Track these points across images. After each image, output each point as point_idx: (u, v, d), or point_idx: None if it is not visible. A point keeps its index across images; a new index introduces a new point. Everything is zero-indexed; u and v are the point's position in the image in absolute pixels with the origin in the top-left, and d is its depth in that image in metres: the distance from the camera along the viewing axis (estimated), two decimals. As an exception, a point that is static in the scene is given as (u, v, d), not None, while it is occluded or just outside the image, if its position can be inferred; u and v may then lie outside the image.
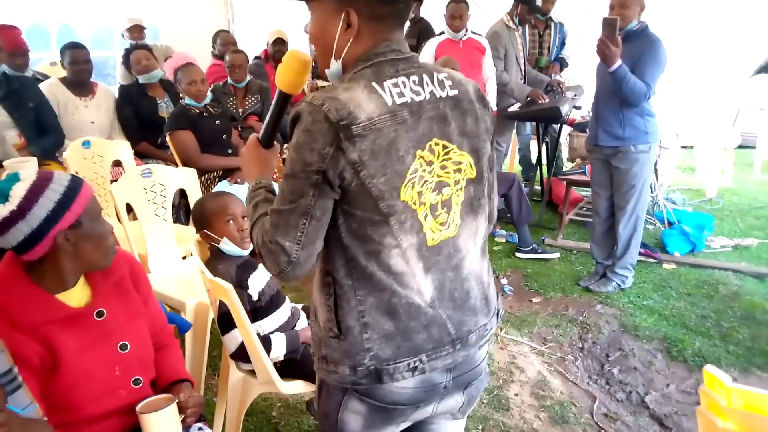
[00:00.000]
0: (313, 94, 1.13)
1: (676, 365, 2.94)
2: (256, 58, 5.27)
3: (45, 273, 1.43)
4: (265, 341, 2.01)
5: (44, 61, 5.21)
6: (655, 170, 4.47)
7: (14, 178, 1.40)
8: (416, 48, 4.79)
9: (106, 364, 1.48)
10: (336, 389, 1.28)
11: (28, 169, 2.04)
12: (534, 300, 3.59)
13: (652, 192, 4.43)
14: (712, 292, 3.63)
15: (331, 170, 1.09)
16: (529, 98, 4.61)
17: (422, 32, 5.10)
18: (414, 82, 1.17)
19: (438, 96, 1.19)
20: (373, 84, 1.13)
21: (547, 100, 4.59)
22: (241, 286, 2.03)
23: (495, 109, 4.57)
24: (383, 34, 1.19)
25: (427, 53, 4.40)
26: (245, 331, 1.90)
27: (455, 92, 1.22)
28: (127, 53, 4.28)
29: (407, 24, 1.37)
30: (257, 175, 1.35)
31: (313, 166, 1.09)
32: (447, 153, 1.19)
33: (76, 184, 1.42)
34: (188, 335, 2.38)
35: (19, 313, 1.37)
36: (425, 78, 1.18)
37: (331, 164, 1.09)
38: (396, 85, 1.15)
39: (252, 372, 2.07)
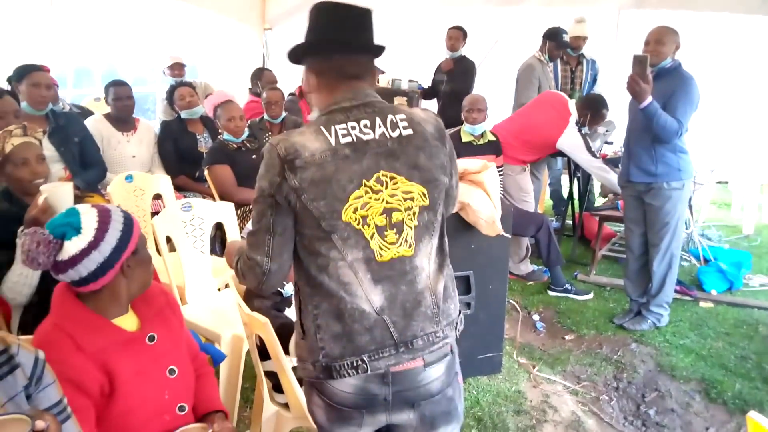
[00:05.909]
0: (275, 137, 1.40)
1: (716, 408, 2.85)
2: (291, 94, 5.38)
3: (100, 300, 1.49)
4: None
5: (88, 96, 5.43)
6: (690, 206, 4.41)
7: (75, 212, 1.47)
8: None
9: (157, 389, 1.53)
10: (306, 383, 1.52)
11: (64, 193, 2.01)
12: (567, 337, 3.54)
13: (687, 228, 4.36)
14: (751, 332, 3.53)
15: (278, 195, 1.35)
16: None
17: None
18: (365, 125, 1.39)
19: (388, 136, 1.40)
20: (322, 128, 1.38)
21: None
22: (277, 309, 2.08)
23: None
24: (337, 85, 1.43)
25: None
26: (279, 363, 1.92)
27: (409, 132, 1.42)
28: (172, 89, 4.42)
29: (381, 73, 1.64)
30: None
31: (266, 191, 1.37)
32: (395, 183, 1.39)
33: (129, 215, 1.54)
34: (223, 366, 2.42)
35: (84, 339, 1.43)
36: (377, 121, 1.41)
37: (278, 189, 1.35)
38: (344, 128, 1.38)
39: (285, 405, 2.08)
